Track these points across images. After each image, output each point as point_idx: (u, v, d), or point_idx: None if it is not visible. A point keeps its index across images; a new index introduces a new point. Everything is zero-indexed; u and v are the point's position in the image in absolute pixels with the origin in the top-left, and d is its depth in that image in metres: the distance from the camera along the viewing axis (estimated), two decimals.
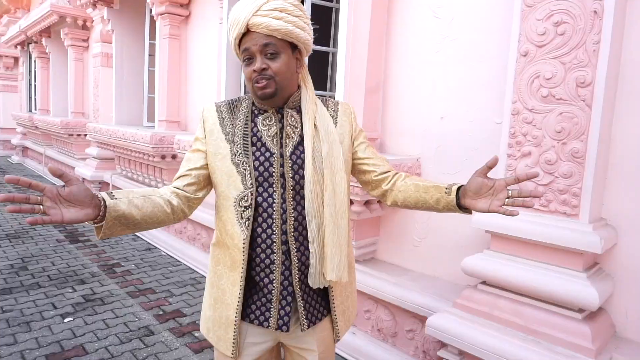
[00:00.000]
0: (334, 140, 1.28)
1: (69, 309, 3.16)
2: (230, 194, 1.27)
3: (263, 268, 1.28)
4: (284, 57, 1.23)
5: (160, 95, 4.57)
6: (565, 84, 1.77)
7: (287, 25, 1.20)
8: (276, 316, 1.29)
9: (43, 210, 0.98)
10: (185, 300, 3.41)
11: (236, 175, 1.26)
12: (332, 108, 1.37)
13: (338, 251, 1.24)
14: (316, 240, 1.23)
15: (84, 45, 7.37)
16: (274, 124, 1.29)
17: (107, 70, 6.18)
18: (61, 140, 7.87)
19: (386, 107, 2.71)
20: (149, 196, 1.21)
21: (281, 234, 1.26)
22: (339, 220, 1.25)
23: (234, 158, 1.27)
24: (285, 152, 1.27)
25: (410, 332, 2.48)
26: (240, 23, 1.19)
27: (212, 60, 4.12)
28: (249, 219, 1.25)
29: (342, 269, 1.25)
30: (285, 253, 1.27)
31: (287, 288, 1.29)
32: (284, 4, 1.21)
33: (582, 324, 1.75)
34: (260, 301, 1.31)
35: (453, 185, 1.26)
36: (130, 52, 5.50)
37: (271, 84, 1.21)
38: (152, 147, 4.22)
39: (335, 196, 1.24)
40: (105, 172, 6.03)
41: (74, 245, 4.65)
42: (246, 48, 1.21)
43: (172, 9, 4.38)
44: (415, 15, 2.53)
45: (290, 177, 1.26)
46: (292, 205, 1.27)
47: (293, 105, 1.31)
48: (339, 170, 1.26)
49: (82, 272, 3.90)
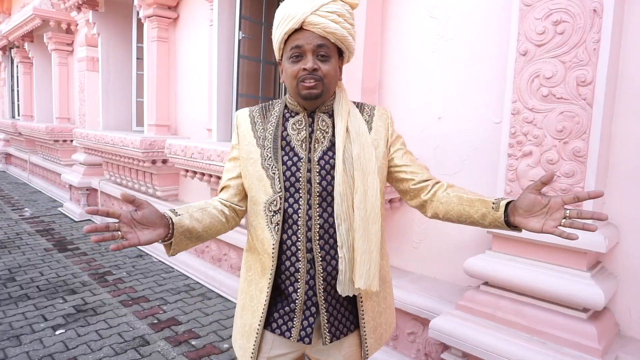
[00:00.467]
0: (365, 142, 1.23)
1: (60, 321, 3.08)
2: (260, 199, 1.25)
3: (288, 276, 1.25)
4: (333, 61, 1.21)
5: (149, 99, 4.49)
6: (565, 83, 1.77)
7: (343, 31, 1.19)
8: (299, 327, 1.26)
9: (121, 236, 1.04)
10: (180, 308, 3.35)
11: (266, 179, 1.24)
12: (368, 113, 1.32)
13: (368, 258, 1.18)
14: (345, 244, 1.18)
15: (68, 50, 7.23)
16: (303, 128, 1.27)
17: (93, 75, 6.07)
18: (46, 146, 7.70)
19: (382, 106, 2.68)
20: (205, 209, 1.24)
21: (306, 242, 1.22)
22: (370, 225, 1.19)
23: (264, 162, 1.25)
24: (314, 157, 1.24)
25: (412, 335, 2.45)
26: (297, 19, 1.16)
27: (203, 62, 4.06)
28: (278, 223, 1.23)
29: (372, 276, 1.18)
30: (310, 261, 1.23)
31: (311, 298, 1.25)
32: (342, 9, 1.20)
33: (588, 324, 1.75)
34: (284, 310, 1.27)
35: (501, 200, 1.15)
36: (116, 56, 5.40)
37: (319, 85, 1.19)
38: (142, 152, 4.15)
39: (366, 199, 1.19)
40: (93, 178, 5.92)
41: (62, 254, 4.55)
42: (298, 45, 1.18)
43: (160, 11, 4.31)
44: (410, 16, 2.51)
45: (317, 183, 1.22)
46: (318, 212, 1.22)
47: (326, 109, 1.28)
48: (370, 173, 1.21)
49: (73, 281, 3.81)
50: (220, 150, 3.08)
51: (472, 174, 2.31)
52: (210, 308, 3.37)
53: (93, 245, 4.84)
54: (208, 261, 3.97)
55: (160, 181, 4.52)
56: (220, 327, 3.07)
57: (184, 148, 3.40)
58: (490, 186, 2.21)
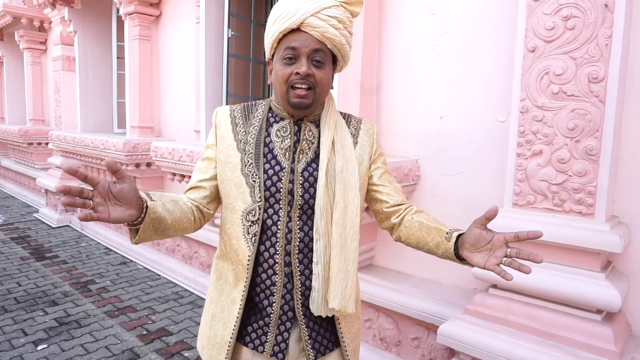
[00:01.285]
0: (349, 155, 1.18)
1: (42, 335, 2.90)
2: (238, 207, 1.18)
3: (263, 289, 1.19)
4: (327, 68, 1.15)
5: (131, 99, 4.31)
6: (576, 79, 1.73)
7: (342, 38, 1.13)
8: (272, 341, 1.19)
9: (93, 206, 0.94)
10: (169, 317, 3.20)
11: (245, 187, 1.17)
12: (354, 126, 1.27)
13: (344, 277, 1.12)
14: (321, 261, 1.12)
15: (41, 48, 6.95)
16: (288, 136, 1.20)
17: (70, 75, 5.82)
18: (19, 149, 7.39)
19: (381, 107, 2.61)
20: (177, 202, 1.16)
21: (284, 255, 1.16)
22: (348, 243, 1.14)
23: (244, 168, 1.18)
24: (297, 167, 1.17)
25: (416, 340, 2.39)
26: (296, 18, 1.08)
27: (189, 61, 3.92)
28: (255, 234, 1.16)
29: (347, 297, 1.13)
30: (287, 275, 1.17)
31: (287, 313, 1.19)
32: (343, 16, 1.13)
33: (603, 326, 1.71)
34: (257, 324, 1.21)
35: (455, 231, 1.13)
36: (95, 55, 5.19)
37: (310, 95, 1.12)
38: (126, 155, 3.98)
39: (345, 215, 1.14)
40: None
41: (40, 262, 4.33)
42: (293, 47, 1.10)
43: (141, 8, 4.14)
44: (409, 12, 2.44)
45: (300, 195, 1.16)
46: (299, 225, 1.17)
47: (313, 118, 1.22)
48: (352, 187, 1.16)
49: (53, 292, 3.62)
50: None
51: (476, 175, 2.26)
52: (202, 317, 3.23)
53: (73, 253, 4.63)
54: (197, 267, 3.83)
55: (144, 185, 4.35)
56: None
57: (171, 151, 3.26)
58: (496, 186, 2.16)
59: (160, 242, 4.25)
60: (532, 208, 1.88)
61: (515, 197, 1.92)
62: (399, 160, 2.38)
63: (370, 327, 2.57)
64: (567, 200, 1.79)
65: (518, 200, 1.91)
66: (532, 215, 1.86)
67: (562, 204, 1.80)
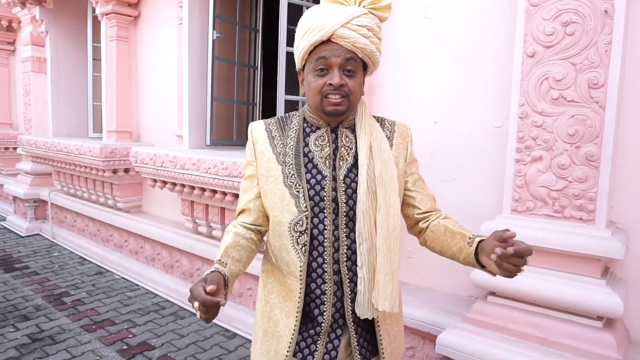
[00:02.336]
0: (388, 158, 1.20)
1: (13, 353, 2.71)
2: (284, 219, 1.19)
3: (314, 299, 1.21)
4: (359, 76, 1.17)
5: (108, 103, 4.15)
6: (576, 85, 1.72)
7: (372, 46, 1.15)
8: (322, 350, 1.21)
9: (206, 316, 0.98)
10: (151, 330, 3.06)
11: (289, 198, 1.19)
12: (388, 128, 1.29)
13: (391, 278, 1.16)
14: (366, 265, 1.14)
15: (9, 49, 6.64)
16: (327, 144, 1.22)
17: (40, 76, 5.57)
18: None
19: (374, 112, 2.57)
20: (239, 244, 1.20)
21: (333, 263, 1.19)
22: (392, 245, 1.16)
23: (286, 180, 1.20)
24: (339, 175, 1.19)
25: (411, 350, 2.34)
26: (326, 30, 1.09)
27: (170, 63, 3.79)
28: (305, 244, 1.18)
29: (394, 298, 1.16)
30: (337, 283, 1.20)
31: (337, 320, 1.21)
32: (372, 23, 1.14)
33: (605, 333, 1.70)
34: (308, 333, 1.22)
35: (476, 236, 1.15)
36: (68, 56, 4.99)
37: (345, 102, 1.14)
38: (102, 160, 3.81)
39: (388, 218, 1.15)
40: (42, 188, 5.42)
41: (9, 274, 4.09)
42: (324, 57, 1.12)
43: (119, 8, 4.00)
44: (403, 16, 2.41)
45: (344, 202, 1.18)
46: (345, 233, 1.19)
47: (348, 124, 1.22)
48: (393, 190, 1.18)
49: (24, 305, 3.41)
50: (196, 159, 2.85)
51: (472, 181, 2.24)
52: (185, 329, 3.10)
53: (44, 263, 4.40)
54: (178, 277, 3.69)
55: (122, 192, 4.18)
56: (198, 349, 2.82)
57: (152, 156, 3.14)
58: (492, 193, 2.14)
59: (139, 250, 4.08)
60: (532, 214, 1.86)
61: (515, 203, 1.90)
62: None
63: None
64: (567, 207, 1.78)
65: (517, 206, 1.89)
66: (532, 222, 1.85)
67: (563, 210, 1.79)
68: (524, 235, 1.81)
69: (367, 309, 1.15)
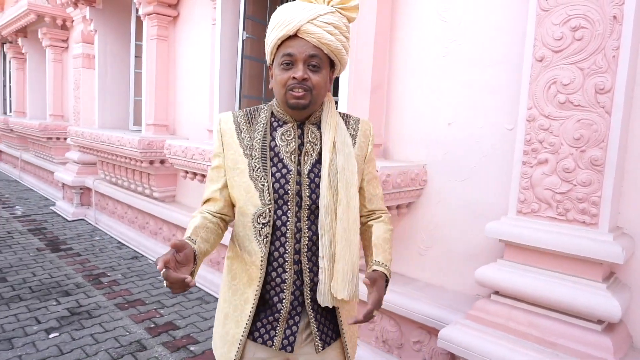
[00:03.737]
0: (349, 153, 1.25)
1: (54, 324, 2.99)
2: (248, 210, 1.24)
3: (274, 287, 1.26)
4: (324, 72, 1.21)
5: (147, 98, 4.41)
6: (583, 90, 1.74)
7: (338, 44, 1.19)
8: (281, 335, 1.27)
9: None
10: (177, 312, 3.27)
11: (254, 191, 1.23)
12: (352, 127, 1.34)
13: (350, 269, 1.21)
14: (327, 255, 1.20)
15: (63, 46, 7.12)
16: (292, 139, 1.26)
17: (89, 72, 5.96)
18: (39, 144, 7.58)
19: (390, 112, 2.64)
20: (206, 227, 1.24)
21: (294, 254, 1.24)
22: (352, 236, 1.22)
23: (252, 173, 1.24)
24: (303, 169, 1.24)
25: (417, 344, 2.41)
26: (292, 25, 1.14)
27: (204, 61, 4.00)
28: (267, 236, 1.23)
29: (354, 287, 1.22)
30: (297, 273, 1.25)
31: (296, 308, 1.27)
32: (339, 22, 1.19)
33: (603, 336, 1.71)
34: (267, 319, 1.28)
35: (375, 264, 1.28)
36: (114, 53, 5.31)
37: (307, 96, 1.18)
38: (140, 152, 4.07)
39: (348, 210, 1.22)
40: (87, 177, 5.81)
41: (55, 254, 4.45)
42: (290, 53, 1.16)
43: (160, 9, 4.24)
44: (420, 19, 2.47)
45: (307, 196, 1.23)
46: (307, 225, 1.24)
47: (314, 121, 1.28)
48: (353, 185, 1.24)
49: (66, 283, 3.72)
50: None
51: (483, 181, 2.28)
52: (209, 312, 3.30)
53: (87, 246, 4.74)
54: (206, 264, 3.89)
55: (157, 182, 4.44)
56: None
57: (184, 149, 3.33)
58: (501, 194, 2.17)
59: (172, 238, 4.33)
60: (536, 216, 1.89)
61: (520, 204, 1.93)
62: (406, 165, 2.41)
63: (373, 328, 2.60)
64: (571, 210, 1.80)
65: (522, 207, 1.92)
66: (536, 224, 1.87)
67: (566, 213, 1.81)
68: (528, 237, 1.86)
69: (327, 298, 1.21)
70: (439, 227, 2.47)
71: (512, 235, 1.92)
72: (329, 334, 1.32)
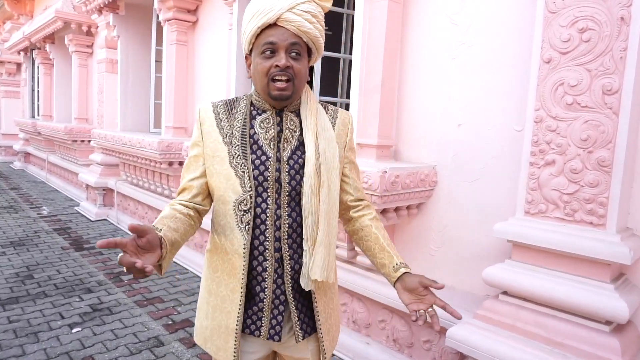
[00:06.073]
0: (330, 137, 1.28)
1: (77, 319, 3.11)
2: (229, 198, 1.24)
3: (255, 276, 1.26)
4: (304, 61, 1.23)
5: (167, 101, 4.54)
6: (591, 91, 1.74)
7: (316, 31, 1.22)
8: (267, 325, 1.27)
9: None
10: (194, 309, 3.36)
11: (234, 178, 1.23)
12: (331, 115, 1.36)
13: (328, 250, 1.21)
14: (310, 238, 1.21)
15: (88, 52, 7.36)
16: (271, 126, 1.26)
17: (112, 77, 6.16)
18: (64, 146, 7.83)
19: (401, 114, 2.68)
20: (175, 217, 1.22)
21: (274, 241, 1.24)
22: (331, 219, 1.23)
23: (232, 160, 1.24)
24: (283, 156, 1.25)
25: (427, 343, 2.43)
26: (272, 14, 1.15)
27: (221, 66, 4.10)
28: (249, 223, 1.23)
29: (330, 269, 1.23)
30: (277, 260, 1.25)
31: (279, 297, 1.27)
32: (316, 10, 1.21)
33: (611, 337, 1.71)
34: (252, 309, 1.28)
35: (402, 267, 1.27)
36: (135, 58, 5.48)
37: (290, 87, 1.19)
38: (160, 153, 4.19)
39: (329, 194, 1.22)
40: (110, 178, 5.99)
41: (79, 252, 4.61)
42: (271, 42, 1.17)
43: (179, 15, 4.36)
44: (431, 22, 2.50)
45: (287, 183, 1.23)
46: (287, 212, 1.24)
47: (293, 108, 1.29)
48: (334, 168, 1.25)
49: (89, 280, 3.86)
50: None
51: (492, 182, 2.29)
52: None
53: None
54: None
55: (176, 183, 4.55)
56: None
57: None
58: (510, 195, 2.18)
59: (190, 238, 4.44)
60: (544, 217, 1.90)
61: (527, 205, 1.94)
62: (415, 166, 2.44)
63: (384, 328, 2.63)
64: (578, 210, 1.80)
65: (530, 208, 1.93)
66: (543, 224, 1.88)
67: (574, 214, 1.81)
68: (536, 237, 1.87)
69: (310, 281, 1.21)
70: (449, 227, 2.49)
71: (520, 236, 1.93)
72: (310, 324, 1.32)
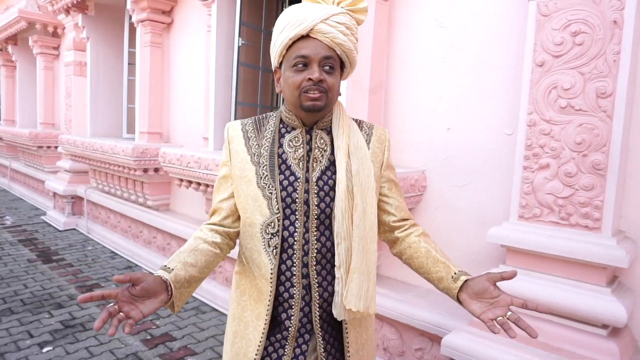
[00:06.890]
0: (364, 156, 1.18)
1: (47, 337, 2.92)
2: (256, 220, 1.17)
3: (282, 302, 1.19)
4: (337, 74, 1.16)
5: (141, 105, 4.36)
6: (584, 94, 1.74)
7: (350, 44, 1.15)
8: (290, 354, 1.19)
9: (125, 315, 0.99)
10: (173, 323, 3.21)
11: (262, 199, 1.16)
12: (366, 131, 1.27)
13: (366, 278, 1.13)
14: (344, 265, 1.12)
15: (54, 53, 7.05)
16: (301, 145, 1.20)
17: (81, 80, 5.90)
18: (29, 152, 7.47)
19: (389, 117, 2.64)
20: (196, 249, 1.17)
21: (302, 267, 1.17)
22: (368, 244, 1.14)
23: (260, 181, 1.17)
24: (312, 177, 1.17)
25: (419, 351, 2.38)
26: (306, 25, 1.09)
27: (199, 68, 3.97)
28: (276, 247, 1.16)
29: (369, 298, 1.13)
30: (305, 287, 1.18)
31: (305, 325, 1.19)
32: (350, 23, 1.15)
33: (608, 341, 1.70)
34: (275, 337, 1.21)
35: (462, 274, 1.14)
36: (106, 61, 5.27)
37: (323, 98, 1.12)
38: (134, 160, 4.02)
39: (365, 217, 1.14)
40: (79, 186, 5.73)
41: (47, 265, 4.36)
42: (304, 55, 1.10)
43: (154, 16, 4.21)
44: (419, 25, 2.47)
45: (315, 205, 1.16)
46: (316, 236, 1.16)
47: (323, 126, 1.22)
48: (369, 189, 1.16)
49: (59, 294, 3.64)
50: (219, 160, 2.98)
51: (483, 186, 2.27)
52: (205, 322, 3.24)
53: (79, 256, 4.66)
54: None
55: (151, 190, 4.38)
56: (217, 342, 2.95)
57: (179, 157, 3.30)
58: (502, 199, 2.17)
59: (166, 247, 4.27)
60: (538, 221, 1.88)
61: (522, 209, 1.92)
62: (406, 171, 2.40)
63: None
64: (573, 214, 1.79)
65: (524, 212, 1.92)
66: (538, 229, 1.87)
67: (569, 218, 1.81)
68: (530, 242, 1.85)
69: (343, 310, 1.12)
70: (440, 233, 2.46)
71: (514, 241, 1.91)
72: (336, 355, 1.23)
